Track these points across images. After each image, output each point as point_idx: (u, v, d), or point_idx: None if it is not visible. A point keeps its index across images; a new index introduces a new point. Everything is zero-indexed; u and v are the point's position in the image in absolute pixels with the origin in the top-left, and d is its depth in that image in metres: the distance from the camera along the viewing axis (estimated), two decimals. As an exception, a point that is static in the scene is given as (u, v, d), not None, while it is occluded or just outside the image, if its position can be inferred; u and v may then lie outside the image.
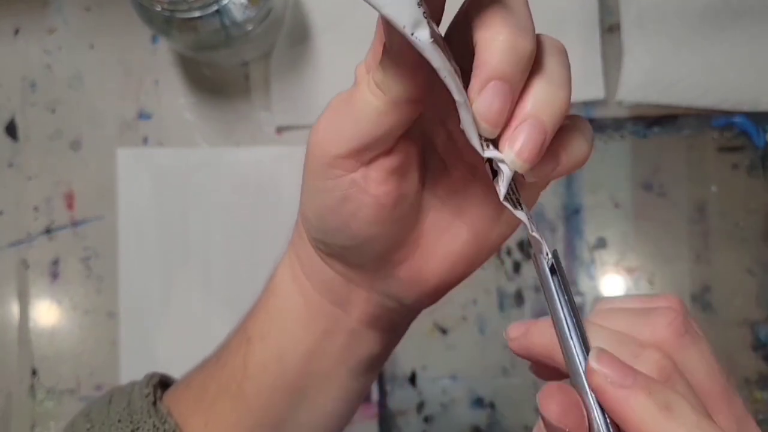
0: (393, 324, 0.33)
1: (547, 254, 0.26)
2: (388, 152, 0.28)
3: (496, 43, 0.24)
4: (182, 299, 0.59)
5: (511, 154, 0.24)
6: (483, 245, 0.30)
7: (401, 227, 0.30)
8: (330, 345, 0.33)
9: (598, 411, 0.25)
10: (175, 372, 0.59)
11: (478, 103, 0.24)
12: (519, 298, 0.60)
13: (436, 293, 0.31)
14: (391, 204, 0.28)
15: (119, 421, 0.36)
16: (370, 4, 0.23)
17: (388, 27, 0.24)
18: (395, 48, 0.25)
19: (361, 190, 0.28)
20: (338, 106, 0.29)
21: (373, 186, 0.28)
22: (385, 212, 0.28)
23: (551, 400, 0.24)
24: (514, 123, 0.24)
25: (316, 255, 0.31)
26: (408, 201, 0.29)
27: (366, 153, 0.27)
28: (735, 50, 0.59)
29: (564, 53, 0.27)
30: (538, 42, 0.25)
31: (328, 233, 0.29)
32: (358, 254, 0.30)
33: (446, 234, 0.30)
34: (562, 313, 0.26)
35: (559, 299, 0.26)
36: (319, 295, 0.32)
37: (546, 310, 0.27)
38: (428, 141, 0.30)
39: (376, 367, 0.35)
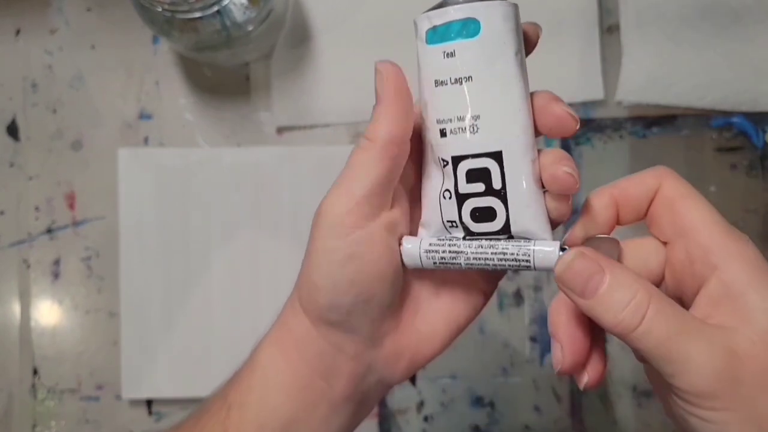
0: (367, 398, 0.35)
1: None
2: (389, 207, 0.32)
3: None
4: (183, 299, 0.59)
5: None
6: (453, 325, 0.35)
7: (396, 290, 0.33)
8: (312, 417, 0.34)
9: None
10: (175, 371, 0.59)
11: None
12: (518, 297, 0.60)
13: (410, 368, 0.34)
14: (392, 260, 0.32)
15: None
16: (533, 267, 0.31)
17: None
18: (379, 97, 0.31)
19: (366, 247, 0.31)
20: (339, 179, 0.32)
21: (377, 242, 0.31)
22: (387, 269, 0.32)
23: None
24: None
25: (311, 327, 0.33)
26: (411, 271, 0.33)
27: (369, 206, 0.31)
28: (734, 51, 0.59)
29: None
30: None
31: (336, 294, 0.31)
32: (359, 317, 0.32)
33: (422, 313, 0.34)
34: None
35: None
36: (309, 368, 0.34)
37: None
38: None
39: None
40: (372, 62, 0.32)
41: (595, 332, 0.32)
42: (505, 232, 0.31)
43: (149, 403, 0.60)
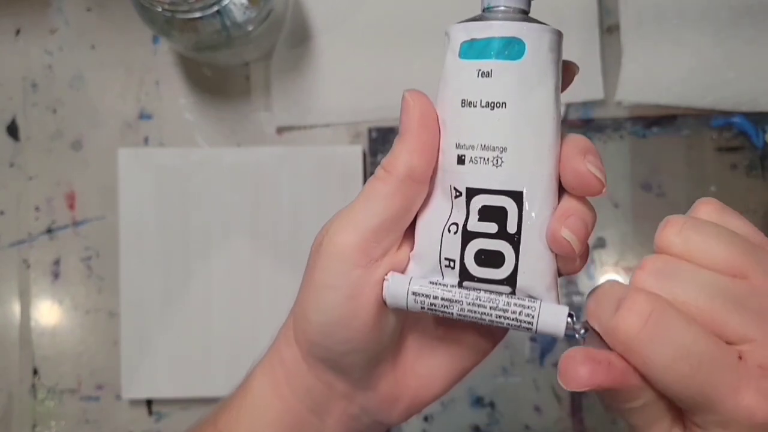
0: None
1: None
2: (396, 248, 0.29)
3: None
4: (183, 299, 0.59)
5: None
6: (457, 370, 0.32)
7: (391, 337, 0.31)
8: None
9: None
10: (175, 371, 0.59)
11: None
12: (519, 297, 0.60)
13: (408, 411, 0.33)
14: (391, 308, 0.30)
15: None
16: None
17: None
18: (404, 129, 0.28)
19: (366, 289, 0.29)
20: (349, 207, 0.29)
21: (378, 285, 0.29)
22: (384, 316, 0.30)
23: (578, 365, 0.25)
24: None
25: (303, 362, 0.31)
26: (402, 311, 0.30)
27: (377, 243, 0.28)
28: (734, 50, 0.59)
29: None
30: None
31: (329, 334, 0.29)
32: (350, 359, 0.30)
33: (422, 356, 0.32)
34: None
35: None
36: (298, 401, 0.32)
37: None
38: None
39: None
40: (372, 62, 0.32)
41: None
42: (510, 283, 0.28)
43: (149, 403, 0.60)
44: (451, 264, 0.28)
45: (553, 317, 0.27)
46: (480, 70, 0.27)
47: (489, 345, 0.33)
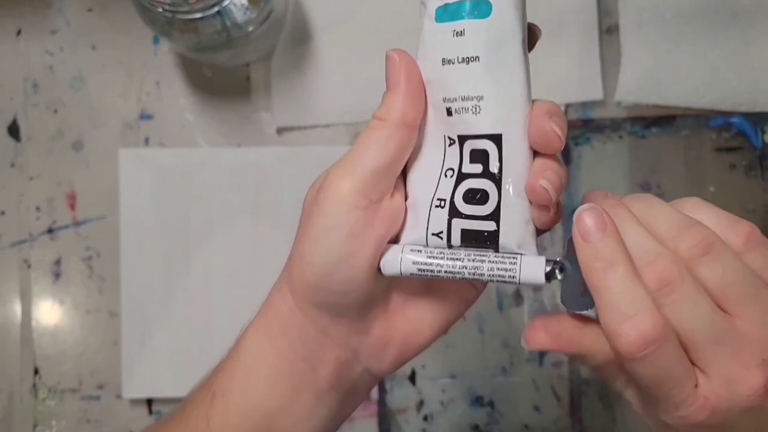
0: (354, 388, 0.35)
1: None
2: (390, 193, 0.31)
3: None
4: (183, 299, 0.60)
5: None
6: (444, 317, 0.34)
7: (385, 279, 0.32)
8: (296, 403, 0.34)
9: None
10: (176, 371, 0.59)
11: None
12: (518, 297, 0.60)
13: (398, 358, 0.34)
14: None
15: None
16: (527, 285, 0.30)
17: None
18: (393, 82, 0.31)
19: (366, 228, 0.30)
20: (345, 156, 0.32)
21: (377, 224, 0.31)
22: (380, 254, 0.31)
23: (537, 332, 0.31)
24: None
25: (298, 310, 0.33)
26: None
27: (374, 187, 0.30)
28: (733, 51, 0.59)
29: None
30: None
31: (329, 274, 0.31)
32: (348, 300, 0.32)
33: (412, 300, 0.34)
34: None
35: None
36: (293, 352, 0.33)
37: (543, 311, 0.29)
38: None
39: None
40: (372, 62, 0.33)
41: None
42: (494, 218, 0.30)
43: (150, 402, 0.60)
44: (442, 203, 0.31)
45: (533, 269, 0.30)
46: (455, 30, 0.31)
47: (473, 293, 0.35)
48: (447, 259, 0.31)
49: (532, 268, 0.30)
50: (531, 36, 0.32)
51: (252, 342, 0.34)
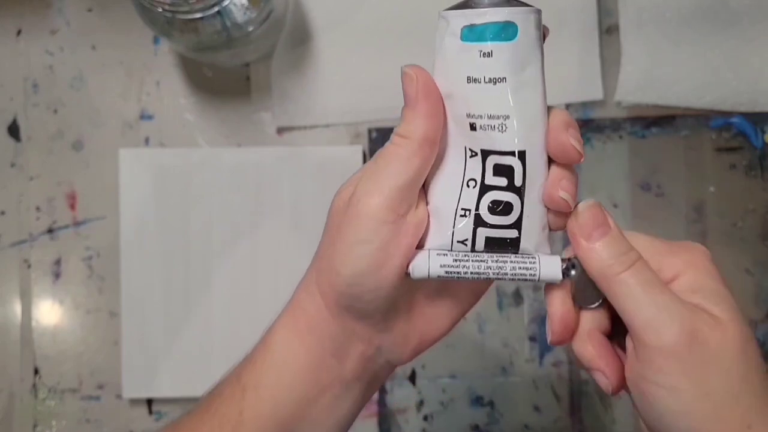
0: (375, 377, 0.37)
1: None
2: (415, 206, 0.33)
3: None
4: (183, 299, 0.60)
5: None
6: (458, 310, 0.36)
7: (409, 283, 0.34)
8: (323, 395, 0.36)
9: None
10: (176, 371, 0.59)
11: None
12: (518, 297, 0.60)
13: (416, 350, 0.36)
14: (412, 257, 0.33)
15: None
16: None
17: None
18: (412, 99, 0.32)
19: (394, 240, 0.32)
20: (368, 169, 0.33)
21: (404, 236, 0.32)
22: (407, 264, 0.33)
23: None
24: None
25: (327, 312, 0.35)
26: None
27: (401, 202, 0.32)
28: (733, 51, 0.59)
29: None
30: None
31: (358, 283, 0.33)
32: (375, 305, 0.33)
33: (431, 298, 0.36)
34: None
35: None
36: (321, 348, 0.35)
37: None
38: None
39: (351, 420, 0.38)
40: (372, 62, 0.33)
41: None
42: (516, 226, 0.32)
43: (150, 402, 0.60)
44: (467, 213, 0.33)
45: (551, 268, 0.32)
46: (481, 51, 0.31)
47: (485, 285, 0.37)
48: (472, 261, 0.33)
49: (551, 267, 0.32)
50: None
51: (281, 338, 0.36)
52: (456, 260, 0.33)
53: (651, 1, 0.60)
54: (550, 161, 0.32)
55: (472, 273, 0.33)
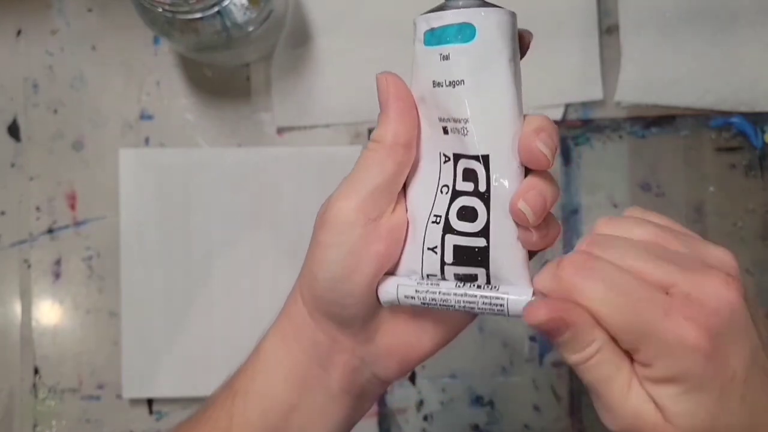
0: (364, 392, 0.37)
1: None
2: (391, 210, 0.33)
3: None
4: (183, 299, 0.60)
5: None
6: (450, 326, 0.36)
7: None
8: (310, 404, 0.36)
9: None
10: (176, 371, 0.59)
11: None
12: (518, 297, 0.60)
13: (401, 367, 0.36)
14: (386, 263, 0.33)
15: None
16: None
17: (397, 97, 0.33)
18: (383, 103, 0.32)
19: (366, 245, 0.32)
20: (348, 177, 0.33)
21: (377, 241, 0.32)
22: (380, 270, 0.33)
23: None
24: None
25: (310, 318, 0.35)
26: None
27: (374, 205, 0.32)
28: (733, 51, 0.59)
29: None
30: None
31: (333, 288, 0.33)
32: (351, 312, 0.34)
33: (412, 316, 0.35)
34: None
35: None
36: (306, 355, 0.36)
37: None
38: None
39: None
40: (372, 62, 0.33)
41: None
42: (484, 234, 0.31)
43: (150, 402, 0.61)
44: (438, 219, 0.32)
45: (519, 305, 0.31)
46: (441, 54, 0.31)
47: (464, 319, 0.36)
48: (440, 294, 0.32)
49: (519, 305, 0.31)
50: (521, 42, 0.32)
51: (270, 346, 0.37)
52: (418, 291, 0.32)
53: (651, 1, 0.60)
54: (529, 170, 0.31)
55: (441, 304, 0.32)
